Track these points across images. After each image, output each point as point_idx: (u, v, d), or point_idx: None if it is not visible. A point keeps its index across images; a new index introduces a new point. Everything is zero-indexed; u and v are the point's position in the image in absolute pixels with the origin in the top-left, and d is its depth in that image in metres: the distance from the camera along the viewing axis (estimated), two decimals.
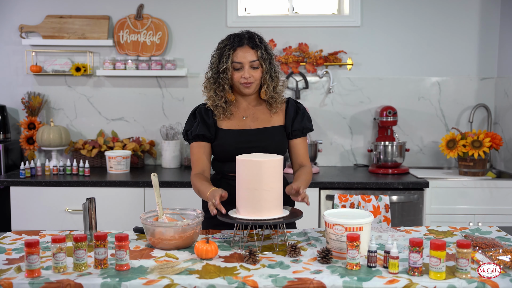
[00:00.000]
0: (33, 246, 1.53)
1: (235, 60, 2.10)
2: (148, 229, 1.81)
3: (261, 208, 1.77)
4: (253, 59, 2.10)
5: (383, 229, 2.06)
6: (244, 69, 2.09)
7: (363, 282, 1.49)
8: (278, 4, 3.89)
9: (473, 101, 3.77)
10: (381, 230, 2.04)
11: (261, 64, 2.11)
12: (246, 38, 2.12)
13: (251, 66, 2.10)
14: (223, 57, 2.12)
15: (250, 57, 2.10)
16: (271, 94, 2.15)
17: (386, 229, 2.06)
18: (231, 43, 2.12)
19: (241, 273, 1.56)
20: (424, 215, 3.22)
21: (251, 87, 2.12)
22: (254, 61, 2.10)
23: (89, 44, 3.71)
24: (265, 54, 2.12)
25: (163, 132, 3.71)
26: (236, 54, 2.10)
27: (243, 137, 2.13)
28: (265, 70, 2.12)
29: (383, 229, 2.06)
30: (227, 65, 2.10)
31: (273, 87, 2.15)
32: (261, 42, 2.14)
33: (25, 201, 3.22)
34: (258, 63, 2.11)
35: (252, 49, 2.11)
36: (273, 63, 2.16)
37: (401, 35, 3.77)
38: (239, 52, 2.10)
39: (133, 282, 1.50)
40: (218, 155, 2.17)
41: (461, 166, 3.41)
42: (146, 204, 3.20)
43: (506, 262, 1.61)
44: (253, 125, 2.16)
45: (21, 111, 3.82)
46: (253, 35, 2.14)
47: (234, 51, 2.11)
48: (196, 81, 3.78)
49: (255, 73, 2.11)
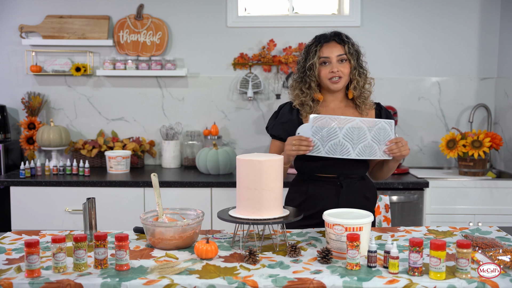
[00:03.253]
0: (33, 246, 1.53)
1: (322, 55, 2.09)
2: (148, 229, 1.80)
3: (261, 208, 1.77)
4: (341, 53, 2.08)
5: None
6: (332, 63, 2.08)
7: (363, 282, 1.49)
8: (278, 4, 3.89)
9: (473, 101, 3.77)
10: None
11: (349, 59, 2.09)
12: (333, 35, 2.12)
13: (338, 60, 2.08)
14: (310, 54, 2.11)
15: (337, 51, 2.09)
16: (359, 93, 2.13)
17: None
18: (317, 40, 2.13)
19: (241, 273, 1.55)
20: (424, 215, 3.22)
21: (340, 82, 2.09)
22: (341, 55, 2.08)
23: (89, 44, 3.71)
24: (353, 50, 2.10)
25: (163, 132, 3.71)
26: (323, 50, 2.10)
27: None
28: (354, 66, 2.10)
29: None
30: (313, 60, 2.09)
31: (362, 84, 2.13)
32: (348, 39, 2.12)
33: (25, 201, 3.22)
34: (346, 58, 2.09)
35: (339, 44, 2.10)
36: (361, 61, 2.14)
37: (401, 35, 3.77)
38: (326, 47, 2.10)
39: (133, 282, 1.50)
40: (303, 155, 2.10)
41: (461, 166, 3.41)
42: (146, 204, 3.20)
43: (506, 262, 1.60)
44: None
45: (21, 111, 3.82)
46: (340, 32, 2.14)
47: (321, 47, 2.10)
48: (196, 81, 3.79)
49: (343, 68, 2.09)
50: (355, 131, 1.99)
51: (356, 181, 2.18)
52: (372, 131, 1.99)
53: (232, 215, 1.81)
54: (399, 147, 2.01)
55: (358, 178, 2.19)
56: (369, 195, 2.20)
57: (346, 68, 2.10)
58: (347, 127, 1.99)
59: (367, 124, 1.99)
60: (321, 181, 2.15)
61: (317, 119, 2.00)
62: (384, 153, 2.02)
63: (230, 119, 3.80)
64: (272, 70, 3.77)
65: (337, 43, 2.10)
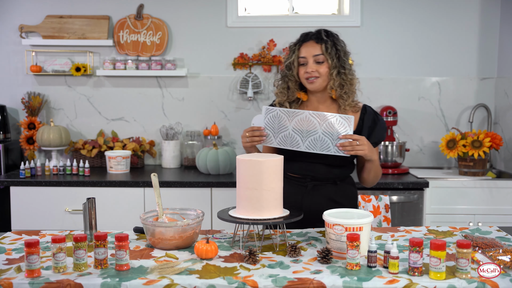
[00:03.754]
0: (33, 246, 1.53)
1: (300, 55, 2.09)
2: (148, 229, 1.80)
3: (261, 208, 1.77)
4: (317, 53, 2.06)
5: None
6: (308, 64, 2.07)
7: (363, 282, 1.49)
8: (278, 4, 3.89)
9: (473, 101, 3.77)
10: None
11: (327, 58, 2.06)
12: (314, 34, 2.10)
13: (315, 60, 2.07)
14: (290, 54, 2.12)
15: (314, 51, 2.07)
16: (339, 93, 2.08)
17: None
18: (299, 39, 2.12)
19: (241, 273, 1.55)
20: (424, 215, 3.22)
21: (316, 83, 2.07)
22: (318, 55, 2.06)
23: (89, 44, 3.71)
24: (331, 49, 2.06)
25: (163, 132, 3.71)
26: (301, 49, 2.09)
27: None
28: (332, 66, 2.06)
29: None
30: (291, 59, 2.09)
31: (339, 85, 2.07)
32: (328, 37, 2.08)
33: (25, 201, 3.22)
34: (323, 58, 2.06)
35: (317, 44, 2.07)
36: (343, 60, 2.08)
37: (401, 35, 3.77)
38: (304, 47, 2.09)
39: (133, 282, 1.50)
40: (281, 153, 2.09)
41: (461, 166, 3.41)
42: (146, 204, 3.20)
43: (506, 262, 1.60)
44: None
45: (21, 111, 3.82)
46: (321, 31, 2.11)
47: (299, 47, 2.10)
48: (196, 81, 3.79)
49: (320, 68, 2.06)
50: (304, 124, 1.98)
51: (326, 184, 2.15)
52: (322, 125, 1.97)
53: (232, 215, 1.81)
54: (352, 144, 1.95)
55: (329, 182, 2.16)
56: (341, 200, 2.16)
57: (323, 68, 2.07)
58: (296, 120, 1.99)
59: (317, 117, 1.97)
60: (289, 179, 2.16)
61: (269, 111, 2.03)
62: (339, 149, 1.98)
63: (230, 119, 3.80)
64: (272, 70, 3.77)
65: (315, 43, 2.08)
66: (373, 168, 2.13)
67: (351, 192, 2.24)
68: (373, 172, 2.16)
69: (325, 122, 1.97)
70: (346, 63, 2.10)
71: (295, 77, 2.12)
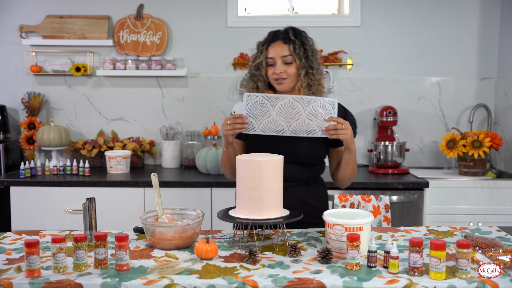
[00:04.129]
0: (33, 246, 1.53)
1: (268, 55, 2.06)
2: (148, 229, 1.80)
3: (261, 208, 1.77)
4: (285, 54, 2.04)
5: None
6: (276, 65, 2.05)
7: (363, 282, 1.49)
8: (278, 4, 3.90)
9: (473, 101, 3.77)
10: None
11: (295, 59, 2.04)
12: (282, 33, 2.07)
13: (283, 61, 2.04)
14: (258, 53, 2.09)
15: (281, 52, 2.04)
16: (307, 94, 2.05)
17: None
18: (266, 39, 2.10)
19: (241, 273, 1.55)
20: (424, 215, 3.22)
21: (284, 84, 2.06)
22: (286, 56, 2.04)
23: (89, 44, 3.71)
24: (299, 49, 2.04)
25: (163, 132, 3.71)
26: (269, 50, 2.06)
27: (275, 140, 2.07)
28: (300, 66, 2.04)
29: None
30: (260, 60, 2.07)
31: (307, 85, 2.06)
32: (296, 37, 2.06)
33: (25, 201, 3.22)
34: (291, 58, 2.04)
35: (284, 44, 2.05)
36: (311, 60, 2.06)
37: (401, 35, 3.77)
38: (272, 47, 2.06)
39: (133, 282, 1.50)
40: (251, 151, 2.11)
41: (461, 166, 3.41)
42: (146, 204, 3.20)
43: (506, 262, 1.60)
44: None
45: (21, 111, 3.82)
46: (288, 30, 2.08)
47: (267, 47, 2.07)
48: (196, 81, 3.79)
49: (288, 69, 2.04)
50: (287, 109, 1.94)
51: (297, 185, 2.14)
52: (306, 109, 1.94)
53: (232, 215, 1.81)
54: (337, 127, 1.92)
55: (301, 183, 2.14)
56: (312, 202, 2.14)
57: (292, 69, 2.05)
58: (279, 105, 1.95)
59: (301, 102, 1.94)
60: None
61: (250, 97, 1.97)
62: (324, 132, 1.95)
63: None
64: None
65: (283, 43, 2.05)
66: (351, 161, 2.07)
67: (323, 193, 2.22)
68: (350, 166, 2.09)
69: (309, 106, 1.94)
70: (314, 63, 2.08)
71: (263, 77, 2.10)
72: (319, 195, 2.20)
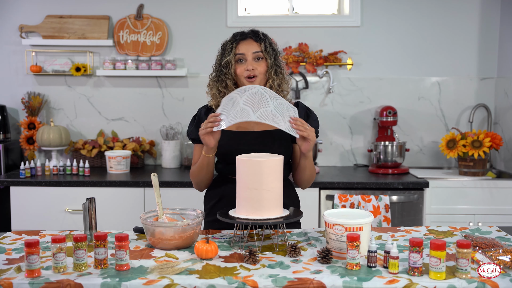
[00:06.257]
0: (33, 246, 1.53)
1: (238, 52, 2.06)
2: (148, 229, 1.80)
3: (261, 208, 1.77)
4: (257, 50, 2.06)
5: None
6: (248, 61, 2.06)
7: (363, 282, 1.49)
8: (278, 4, 3.90)
9: (473, 101, 3.78)
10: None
11: (266, 57, 2.06)
12: (250, 33, 2.10)
13: (254, 58, 2.06)
14: (226, 52, 2.09)
15: (253, 48, 2.06)
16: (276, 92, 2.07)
17: None
18: (234, 38, 2.10)
19: (241, 273, 1.55)
20: (424, 215, 3.22)
21: (255, 81, 2.06)
22: (257, 52, 2.06)
23: (89, 44, 3.71)
24: (269, 48, 2.07)
25: (163, 132, 3.71)
26: (239, 47, 2.07)
27: (244, 139, 2.08)
28: (270, 64, 2.06)
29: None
30: (229, 57, 2.06)
31: (278, 84, 2.08)
32: (265, 37, 2.10)
33: (25, 201, 3.22)
34: (262, 55, 2.06)
35: (255, 42, 2.07)
36: (279, 60, 2.10)
37: (401, 35, 3.77)
38: (242, 45, 2.07)
39: (133, 282, 1.50)
40: (219, 157, 2.13)
41: (461, 166, 3.41)
42: (146, 204, 3.20)
43: (506, 262, 1.60)
44: (256, 127, 2.10)
45: (21, 111, 3.82)
46: (257, 30, 2.12)
47: (237, 44, 2.08)
48: (196, 81, 3.79)
49: (259, 66, 2.06)
50: (255, 97, 1.91)
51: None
52: (274, 102, 1.91)
53: (232, 215, 1.81)
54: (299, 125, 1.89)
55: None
56: (286, 200, 2.06)
57: (262, 66, 2.06)
58: (248, 94, 1.92)
59: (269, 93, 1.93)
60: (234, 183, 1.97)
61: (226, 99, 1.96)
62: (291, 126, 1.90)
63: None
64: None
65: (253, 41, 2.07)
66: (308, 165, 2.06)
67: (293, 193, 2.21)
68: (308, 171, 2.08)
69: (276, 100, 1.93)
70: (281, 64, 2.11)
71: (232, 75, 2.09)
72: (290, 194, 2.16)
